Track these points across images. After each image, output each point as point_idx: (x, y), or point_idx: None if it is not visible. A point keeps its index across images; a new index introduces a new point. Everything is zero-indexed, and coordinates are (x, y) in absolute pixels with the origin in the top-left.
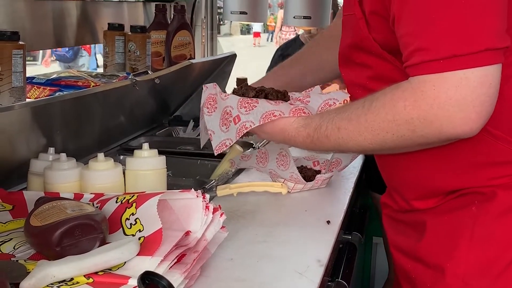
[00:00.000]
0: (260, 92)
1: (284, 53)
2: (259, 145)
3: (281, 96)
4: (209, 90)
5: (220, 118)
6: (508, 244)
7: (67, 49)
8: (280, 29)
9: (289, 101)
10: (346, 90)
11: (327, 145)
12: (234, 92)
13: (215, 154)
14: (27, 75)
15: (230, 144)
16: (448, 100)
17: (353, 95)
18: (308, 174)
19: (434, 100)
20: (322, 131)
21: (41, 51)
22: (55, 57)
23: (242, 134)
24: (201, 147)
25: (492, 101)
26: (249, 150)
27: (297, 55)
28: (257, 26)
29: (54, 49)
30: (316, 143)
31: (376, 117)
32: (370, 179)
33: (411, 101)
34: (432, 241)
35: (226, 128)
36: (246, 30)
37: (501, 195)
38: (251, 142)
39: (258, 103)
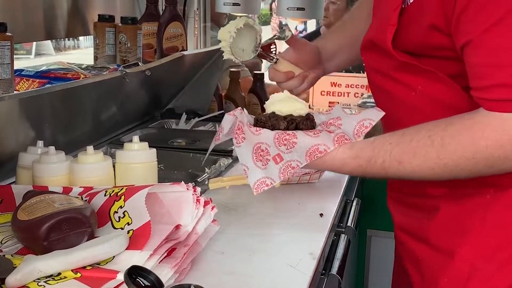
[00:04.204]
0: (291, 122)
1: None
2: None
3: (310, 123)
4: (232, 115)
5: (253, 152)
6: None
7: None
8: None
9: (321, 127)
10: (379, 108)
11: (383, 176)
12: (261, 122)
13: (254, 194)
14: (21, 68)
15: (271, 184)
16: None
17: (373, 80)
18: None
19: None
20: (378, 164)
21: (34, 44)
22: None
23: (287, 175)
24: (208, 154)
25: None
26: None
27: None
28: None
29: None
30: (367, 173)
31: (452, 155)
32: None
33: (493, 140)
34: (443, 225)
35: (263, 165)
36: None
37: None
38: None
39: (296, 137)
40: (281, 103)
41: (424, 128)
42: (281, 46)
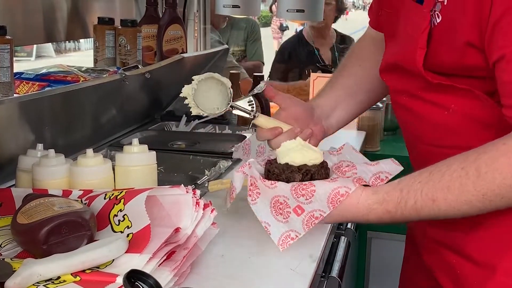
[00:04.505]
0: (306, 173)
1: (285, 51)
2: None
3: (325, 172)
4: (241, 172)
5: (271, 207)
6: None
7: None
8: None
9: (336, 174)
10: (396, 161)
11: (414, 218)
12: (274, 174)
13: (281, 250)
14: (21, 70)
15: (296, 237)
16: None
17: (398, 101)
18: None
19: None
20: (409, 206)
21: (35, 46)
22: None
23: (312, 225)
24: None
25: None
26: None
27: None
28: None
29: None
30: (397, 218)
31: (491, 184)
32: None
33: None
34: (484, 239)
35: (284, 218)
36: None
37: None
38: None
39: (314, 186)
40: (294, 152)
41: (456, 160)
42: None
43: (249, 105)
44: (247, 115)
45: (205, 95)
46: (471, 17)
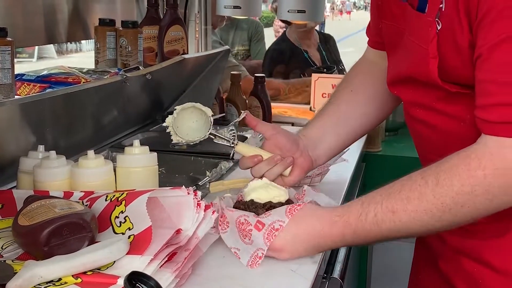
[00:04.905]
0: (270, 209)
1: (273, 54)
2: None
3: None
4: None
5: (238, 232)
6: None
7: None
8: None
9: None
10: None
11: (375, 233)
12: (241, 209)
13: (250, 269)
14: (22, 72)
15: (263, 254)
16: None
17: (410, 113)
18: None
19: None
20: (370, 218)
21: (36, 47)
22: None
23: (272, 238)
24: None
25: None
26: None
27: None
28: None
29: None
30: (358, 234)
31: (449, 191)
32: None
33: (492, 169)
34: (504, 246)
35: (249, 239)
36: None
37: None
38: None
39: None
40: (259, 190)
41: (418, 171)
42: None
43: (230, 133)
44: (227, 143)
45: (187, 124)
46: (464, 21)
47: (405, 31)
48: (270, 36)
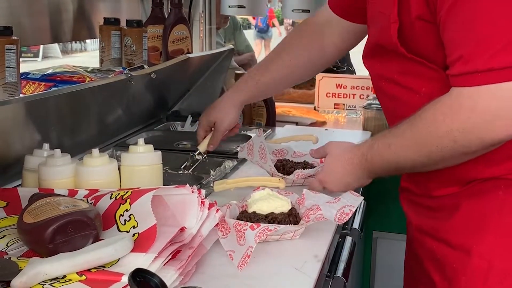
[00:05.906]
0: (272, 221)
1: None
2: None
3: (294, 219)
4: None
5: (235, 233)
6: None
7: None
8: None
9: (303, 220)
10: (354, 192)
11: (381, 164)
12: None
13: (240, 270)
14: (28, 71)
15: (251, 252)
16: (486, 110)
17: (379, 87)
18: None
19: (472, 111)
20: (375, 149)
21: (41, 47)
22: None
23: (263, 236)
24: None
25: None
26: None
27: (290, 43)
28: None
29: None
30: (372, 163)
31: (421, 130)
32: None
33: (450, 114)
34: (459, 223)
35: (243, 240)
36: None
37: None
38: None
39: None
40: (261, 201)
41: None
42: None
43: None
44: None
45: None
46: None
47: (375, 3)
48: (282, 34)
